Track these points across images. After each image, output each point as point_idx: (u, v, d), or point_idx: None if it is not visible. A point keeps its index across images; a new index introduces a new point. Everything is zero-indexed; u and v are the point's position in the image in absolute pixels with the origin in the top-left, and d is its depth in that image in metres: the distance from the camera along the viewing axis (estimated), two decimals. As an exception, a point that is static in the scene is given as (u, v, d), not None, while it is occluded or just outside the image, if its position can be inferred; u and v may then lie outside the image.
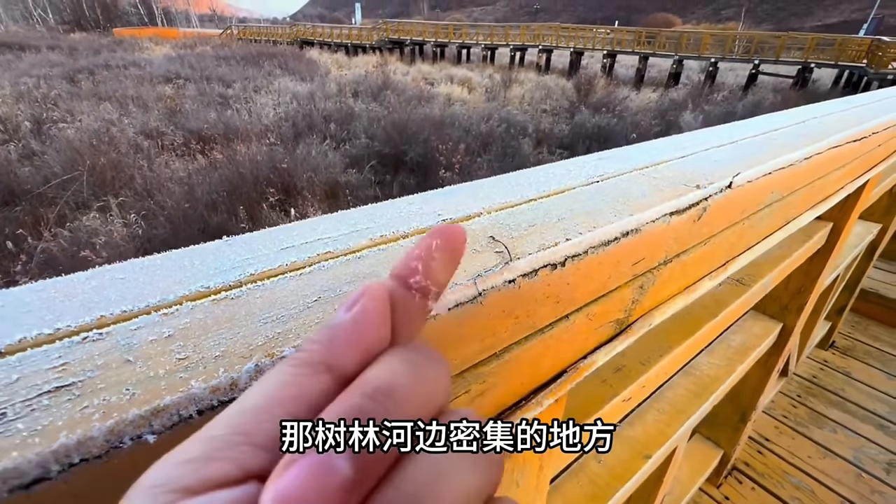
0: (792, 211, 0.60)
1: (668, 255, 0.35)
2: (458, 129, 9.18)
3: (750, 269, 0.75)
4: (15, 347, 0.17)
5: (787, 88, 16.46)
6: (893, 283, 2.15)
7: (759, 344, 1.01)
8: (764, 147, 0.50)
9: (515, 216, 0.27)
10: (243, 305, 0.20)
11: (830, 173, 0.67)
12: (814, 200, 0.65)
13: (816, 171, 0.60)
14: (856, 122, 0.70)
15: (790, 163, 0.48)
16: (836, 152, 0.63)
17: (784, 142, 0.54)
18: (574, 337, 0.30)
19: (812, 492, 1.31)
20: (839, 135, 0.62)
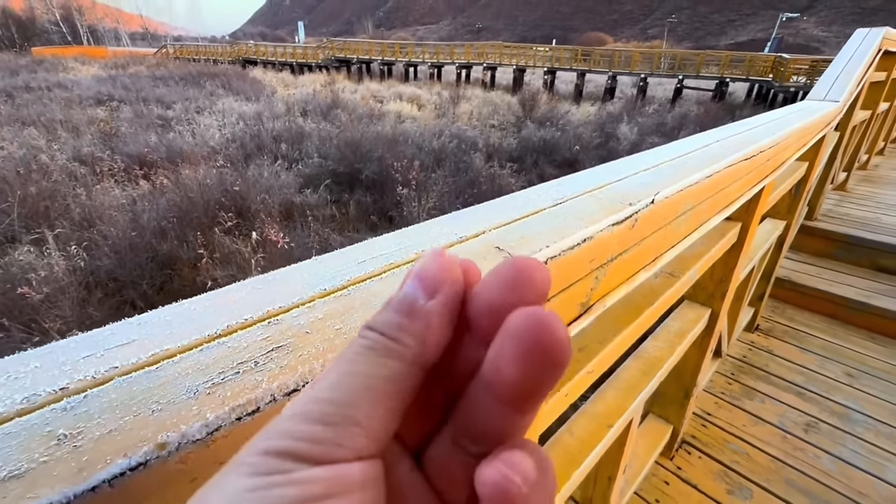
0: (703, 216, 0.76)
1: (614, 254, 0.48)
2: (411, 145, 9.35)
3: (678, 264, 0.92)
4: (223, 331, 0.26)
5: (708, 101, 18.12)
6: (801, 271, 2.49)
7: (692, 328, 1.19)
8: (678, 169, 0.65)
9: (510, 231, 0.39)
10: (354, 300, 0.30)
11: (730, 185, 0.84)
12: (719, 207, 0.83)
13: (719, 184, 0.77)
14: (748, 143, 0.89)
15: (697, 181, 0.64)
16: (733, 169, 0.80)
17: (692, 164, 0.70)
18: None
19: (747, 454, 1.51)
20: (735, 155, 0.80)
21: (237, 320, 0.29)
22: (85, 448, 0.21)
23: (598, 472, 1.06)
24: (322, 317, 0.30)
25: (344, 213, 7.17)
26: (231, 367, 0.26)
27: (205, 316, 0.30)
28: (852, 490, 1.38)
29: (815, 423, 1.64)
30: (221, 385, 0.24)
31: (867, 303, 2.20)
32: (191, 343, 0.27)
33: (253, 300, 0.32)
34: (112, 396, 0.23)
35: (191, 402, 0.23)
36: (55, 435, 0.21)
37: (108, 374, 0.25)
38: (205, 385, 0.24)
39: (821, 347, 2.06)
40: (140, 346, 0.27)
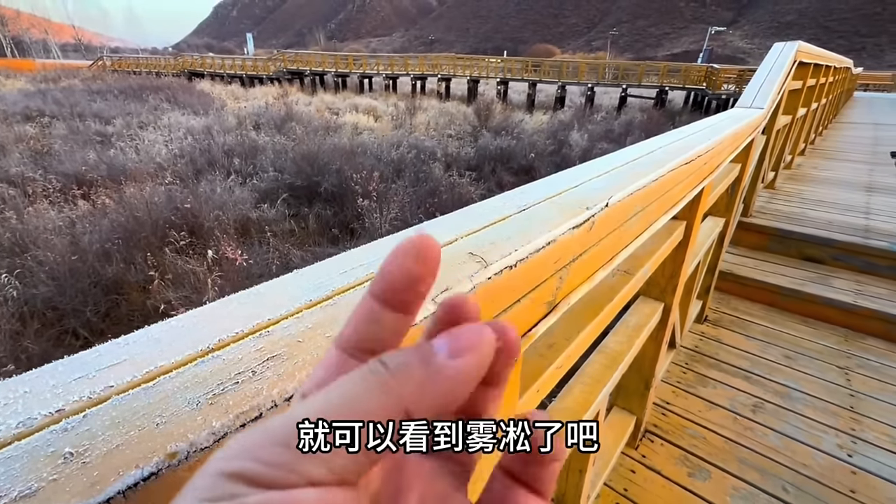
0: (652, 216, 0.83)
1: (575, 255, 0.52)
2: (369, 157, 9.30)
3: (632, 262, 0.99)
4: (215, 346, 0.27)
5: (650, 108, 19.22)
6: (741, 264, 2.69)
7: (648, 322, 1.27)
8: (627, 174, 0.71)
9: (481, 237, 0.42)
10: (340, 309, 0.32)
11: (674, 187, 0.92)
12: (666, 207, 0.90)
13: (664, 186, 0.84)
14: (687, 148, 0.97)
15: (645, 184, 0.70)
16: (676, 172, 0.88)
17: (640, 170, 0.76)
18: (524, 314, 0.45)
19: (704, 438, 1.61)
20: (677, 159, 0.88)
21: (228, 334, 0.30)
22: (94, 463, 0.21)
23: (569, 465, 1.11)
24: (311, 326, 0.31)
25: (303, 228, 7.01)
26: (229, 378, 0.27)
27: (194, 332, 0.31)
28: (796, 462, 1.51)
29: (761, 403, 1.78)
30: (222, 395, 0.25)
31: (799, 290, 2.42)
32: (185, 358, 0.28)
33: (241, 314, 0.33)
34: (112, 414, 0.24)
35: (195, 413, 0.24)
36: (60, 454, 0.21)
37: (105, 393, 0.25)
38: (206, 396, 0.25)
39: (762, 333, 2.24)
40: (133, 364, 0.28)
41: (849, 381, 1.90)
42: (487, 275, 0.37)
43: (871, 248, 2.56)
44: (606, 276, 0.94)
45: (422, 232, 0.16)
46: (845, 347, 2.13)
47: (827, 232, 2.74)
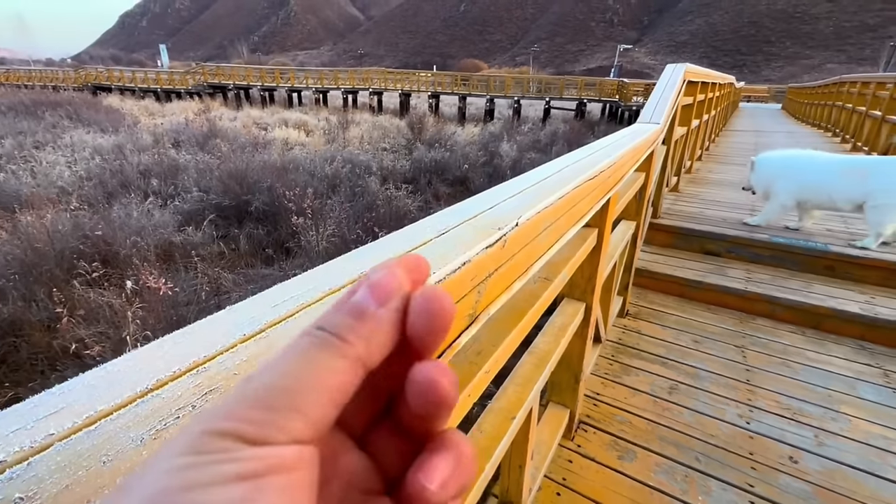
0: (562, 228, 0.93)
1: (490, 271, 0.59)
2: (302, 173, 9.06)
3: (550, 269, 1.10)
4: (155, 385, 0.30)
5: (572, 119, 20.58)
6: (654, 261, 2.99)
7: (572, 321, 1.39)
8: (538, 193, 0.80)
9: (426, 252, 0.48)
10: (273, 341, 0.36)
11: (582, 200, 1.04)
12: (575, 219, 1.01)
13: (572, 201, 0.94)
14: (592, 164, 1.10)
15: (552, 202, 0.80)
16: (581, 188, 0.99)
17: (549, 188, 0.86)
18: (446, 328, 0.51)
19: (630, 422, 1.77)
20: (582, 176, 0.99)
21: (165, 374, 0.33)
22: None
23: (509, 462, 1.18)
24: (247, 359, 0.35)
25: (234, 249, 6.66)
26: (171, 414, 0.29)
27: (130, 375, 0.33)
28: (705, 434, 1.71)
29: (676, 385, 1.99)
30: (165, 430, 0.28)
31: (701, 281, 2.73)
32: (124, 401, 0.30)
33: (176, 353, 0.35)
34: (57, 459, 0.26)
35: (140, 449, 0.27)
36: (11, 500, 0.23)
37: (46, 441, 0.27)
38: (149, 433, 0.28)
39: (675, 322, 2.50)
40: (71, 411, 0.29)
41: (745, 358, 2.18)
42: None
43: (756, 241, 2.96)
44: (527, 284, 1.04)
45: (430, 290, 0.18)
46: (741, 328, 2.44)
47: (721, 228, 3.12)
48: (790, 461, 1.60)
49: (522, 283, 0.73)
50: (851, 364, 2.14)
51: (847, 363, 2.15)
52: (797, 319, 2.48)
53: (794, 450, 1.65)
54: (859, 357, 2.20)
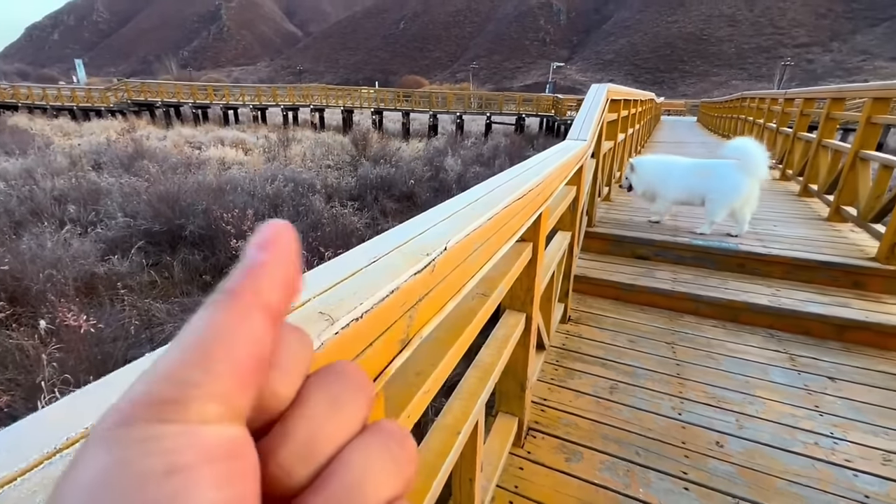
0: (494, 247, 0.99)
1: (420, 295, 0.62)
2: (241, 193, 8.69)
3: (487, 284, 1.15)
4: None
5: (512, 133, 21.41)
6: (591, 267, 3.17)
7: (514, 332, 1.45)
8: (467, 216, 0.85)
9: (331, 295, 0.49)
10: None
11: (512, 219, 1.10)
12: (507, 236, 1.07)
13: (502, 221, 1.00)
14: (520, 185, 1.17)
15: (482, 223, 0.84)
16: (511, 207, 1.05)
17: (479, 209, 0.91)
18: (377, 356, 0.53)
19: (576, 424, 1.86)
20: (510, 196, 1.05)
21: (76, 431, 0.32)
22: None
23: (459, 476, 1.20)
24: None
25: (167, 277, 6.22)
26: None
27: (37, 436, 0.32)
28: (643, 428, 1.83)
29: (615, 384, 2.11)
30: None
31: (634, 284, 2.93)
32: (31, 464, 0.29)
33: (88, 409, 0.34)
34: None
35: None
36: None
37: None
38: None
39: (612, 324, 2.66)
40: (-34, 479, 0.28)
41: (675, 353, 2.36)
42: (335, 330, 0.44)
43: (679, 244, 3.23)
44: (464, 301, 1.08)
45: None
46: (670, 326, 2.64)
47: (648, 234, 3.38)
48: (717, 446, 1.75)
49: (456, 302, 0.76)
50: (763, 351, 2.39)
51: (760, 351, 2.39)
52: (718, 314, 2.73)
53: (720, 435, 1.80)
54: (769, 344, 2.45)
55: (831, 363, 2.28)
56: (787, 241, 3.25)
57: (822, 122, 4.49)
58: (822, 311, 2.54)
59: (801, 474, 1.61)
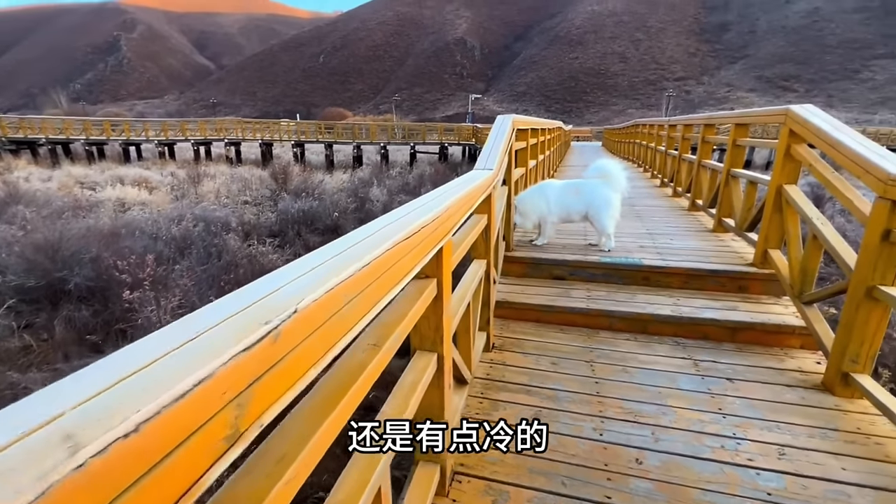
0: (379, 291, 0.90)
1: (256, 375, 0.51)
2: (141, 237, 7.86)
3: (381, 332, 1.05)
4: None
5: (436, 162, 21.93)
6: (512, 291, 3.20)
7: (423, 375, 1.36)
8: (336, 266, 0.75)
9: (91, 408, 0.37)
10: None
11: (404, 257, 1.03)
12: (397, 278, 0.99)
13: (385, 264, 0.92)
14: (410, 222, 1.11)
15: (353, 273, 0.76)
16: (398, 248, 0.98)
17: (350, 258, 0.82)
18: (182, 469, 0.41)
19: (502, 461, 1.79)
20: (397, 236, 0.98)
21: None
22: None
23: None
24: None
25: (46, 340, 5.35)
26: None
27: None
28: (567, 455, 1.81)
29: (539, 411, 2.09)
30: None
31: (553, 305, 3.00)
32: None
33: None
34: None
35: None
36: None
37: None
38: None
39: (534, 348, 2.67)
40: None
41: (594, 371, 2.41)
42: (79, 461, 0.32)
43: (590, 262, 3.39)
44: (352, 355, 0.97)
45: None
46: (588, 344, 2.71)
47: (562, 255, 3.52)
48: (636, 463, 1.77)
49: (318, 370, 0.66)
50: (671, 360, 2.52)
51: (668, 359, 2.52)
52: (630, 327, 2.86)
53: (638, 451, 1.83)
54: (676, 352, 2.60)
55: (728, 364, 2.46)
56: (682, 253, 3.56)
57: (700, 145, 5.08)
58: (716, 316, 2.77)
59: (713, 481, 1.66)
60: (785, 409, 2.08)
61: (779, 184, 3.00)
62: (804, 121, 2.77)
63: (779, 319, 2.69)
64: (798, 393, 2.20)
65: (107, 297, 5.84)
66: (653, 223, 4.66)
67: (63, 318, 5.63)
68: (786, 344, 2.63)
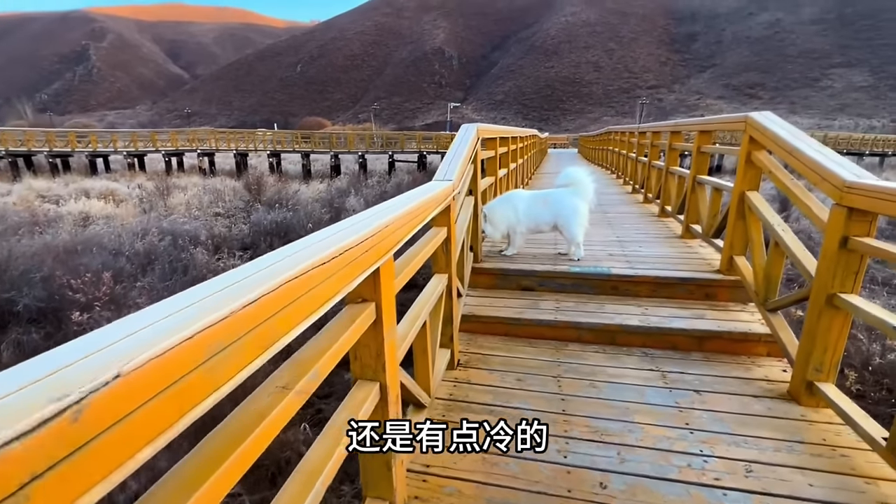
0: (282, 327, 0.78)
1: (48, 463, 0.39)
2: (101, 253, 7.49)
3: (295, 370, 0.93)
4: None
5: (415, 170, 21.85)
6: (480, 304, 3.11)
7: (361, 407, 1.24)
8: (193, 314, 0.61)
9: None
10: None
11: (319, 284, 0.91)
12: (308, 311, 0.88)
13: (291, 293, 0.81)
14: (333, 244, 0.99)
15: (226, 315, 0.64)
16: (311, 274, 0.87)
17: (248, 286, 0.71)
18: None
19: (459, 491, 1.68)
20: (308, 262, 0.87)
21: None
22: None
23: None
24: None
25: (-10, 367, 4.99)
26: None
27: None
28: (530, 482, 1.70)
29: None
30: None
31: (520, 318, 2.92)
32: None
33: None
34: None
35: None
36: None
37: None
38: None
39: (501, 364, 2.57)
40: None
41: (560, 388, 2.33)
42: None
43: (559, 273, 3.33)
44: (254, 402, 0.85)
45: None
46: (556, 357, 2.63)
47: (531, 265, 3.45)
48: (601, 488, 1.68)
49: (157, 447, 0.54)
50: (639, 372, 2.46)
51: (636, 372, 2.46)
52: (598, 339, 2.79)
53: (603, 474, 1.74)
54: (644, 364, 2.54)
55: (695, 375, 2.41)
56: (650, 261, 3.53)
57: (668, 152, 5.13)
58: (683, 326, 2.73)
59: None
60: (752, 421, 2.03)
61: (741, 190, 3.00)
62: (763, 128, 2.78)
63: (745, 327, 2.66)
64: (765, 404, 2.15)
65: (60, 319, 5.51)
66: (623, 230, 4.65)
67: (11, 341, 5.28)
68: (752, 352, 2.60)
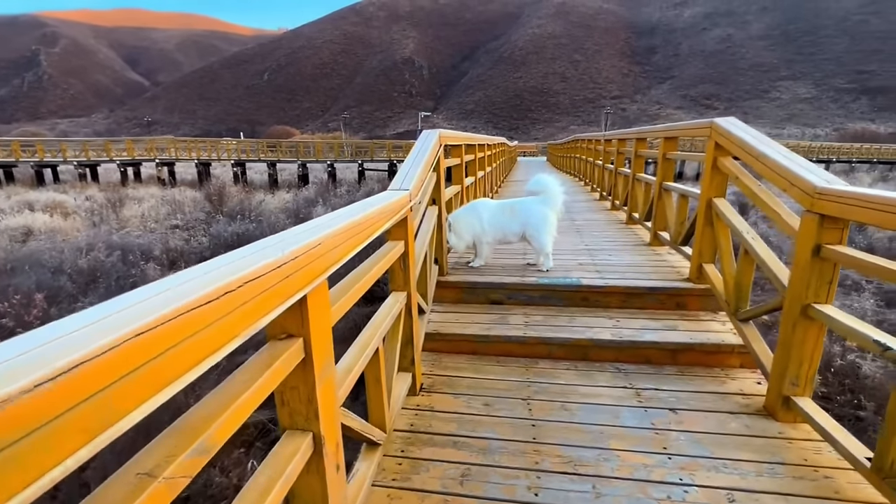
0: (179, 368, 0.57)
1: None
2: (38, 271, 6.88)
3: (176, 441, 0.72)
4: None
5: (386, 179, 21.60)
6: (445, 321, 2.92)
7: (289, 463, 1.02)
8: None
9: None
10: None
11: (212, 324, 0.70)
12: (217, 345, 0.67)
13: (168, 337, 0.59)
14: (212, 282, 0.77)
15: (52, 375, 0.42)
16: (199, 312, 0.66)
17: (137, 314, 0.49)
18: None
19: (417, 544, 1.46)
20: (194, 296, 0.66)
21: None
22: None
23: None
24: None
25: None
26: None
27: None
28: (496, 528, 1.51)
29: (468, 469, 1.78)
30: None
31: (489, 334, 2.74)
32: None
33: None
34: None
35: None
36: None
37: None
38: None
39: (467, 387, 2.38)
40: None
41: (531, 412, 2.15)
42: None
43: (528, 285, 3.18)
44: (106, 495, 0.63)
45: None
46: (526, 377, 2.46)
47: (499, 277, 3.29)
48: (575, 530, 1.50)
49: None
50: (613, 390, 2.32)
51: (609, 390, 2.32)
52: (569, 355, 2.65)
53: (577, 513, 1.57)
54: (617, 381, 2.40)
55: (670, 392, 2.29)
56: (620, 270, 3.44)
57: (633, 158, 5.13)
58: (656, 339, 2.62)
59: (659, 547, 1.43)
60: (730, 441, 1.91)
61: (709, 197, 2.95)
62: (728, 133, 2.73)
63: (717, 338, 2.58)
64: (742, 421, 2.05)
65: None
66: (592, 238, 4.58)
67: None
68: (726, 364, 2.52)
